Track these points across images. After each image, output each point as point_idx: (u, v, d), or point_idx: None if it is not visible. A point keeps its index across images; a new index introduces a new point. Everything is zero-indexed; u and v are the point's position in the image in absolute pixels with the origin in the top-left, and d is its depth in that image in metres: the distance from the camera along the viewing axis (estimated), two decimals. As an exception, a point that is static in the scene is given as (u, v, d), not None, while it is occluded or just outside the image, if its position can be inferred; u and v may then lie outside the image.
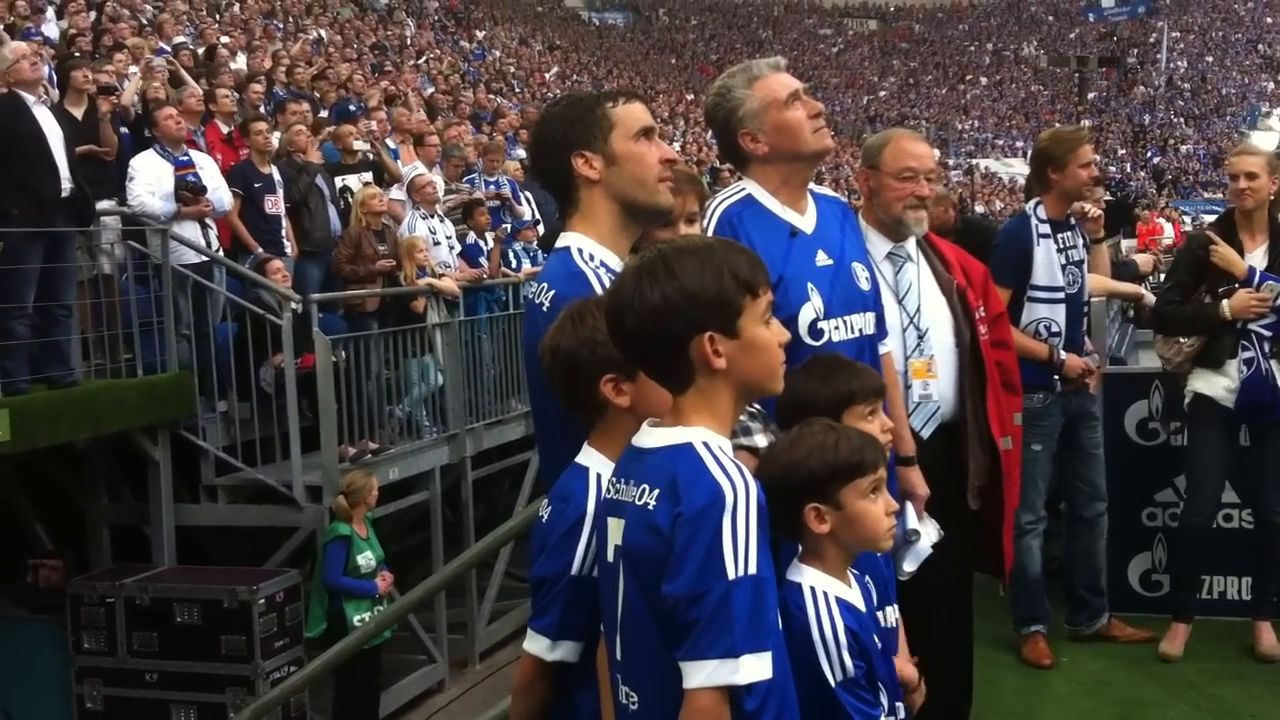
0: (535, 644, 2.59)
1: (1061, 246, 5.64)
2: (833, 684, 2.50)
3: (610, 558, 2.37)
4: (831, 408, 2.89)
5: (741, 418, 2.64)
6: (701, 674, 2.16)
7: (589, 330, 2.56)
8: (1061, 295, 5.59)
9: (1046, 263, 5.59)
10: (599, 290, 2.77)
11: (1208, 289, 5.63)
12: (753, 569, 2.18)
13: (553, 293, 2.83)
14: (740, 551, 2.18)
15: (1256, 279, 5.56)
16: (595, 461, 2.60)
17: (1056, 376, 5.60)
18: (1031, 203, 5.81)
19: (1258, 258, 5.65)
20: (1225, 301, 5.55)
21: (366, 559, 9.32)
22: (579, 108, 2.99)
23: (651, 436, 2.35)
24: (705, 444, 2.27)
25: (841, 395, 2.96)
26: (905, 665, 3.11)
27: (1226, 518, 6.09)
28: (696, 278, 2.30)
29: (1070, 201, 5.73)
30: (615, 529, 2.35)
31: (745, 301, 2.32)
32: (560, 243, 2.96)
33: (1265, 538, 5.82)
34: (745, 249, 2.43)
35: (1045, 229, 5.63)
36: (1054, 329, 5.60)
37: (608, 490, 2.42)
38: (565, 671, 2.61)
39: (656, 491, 2.25)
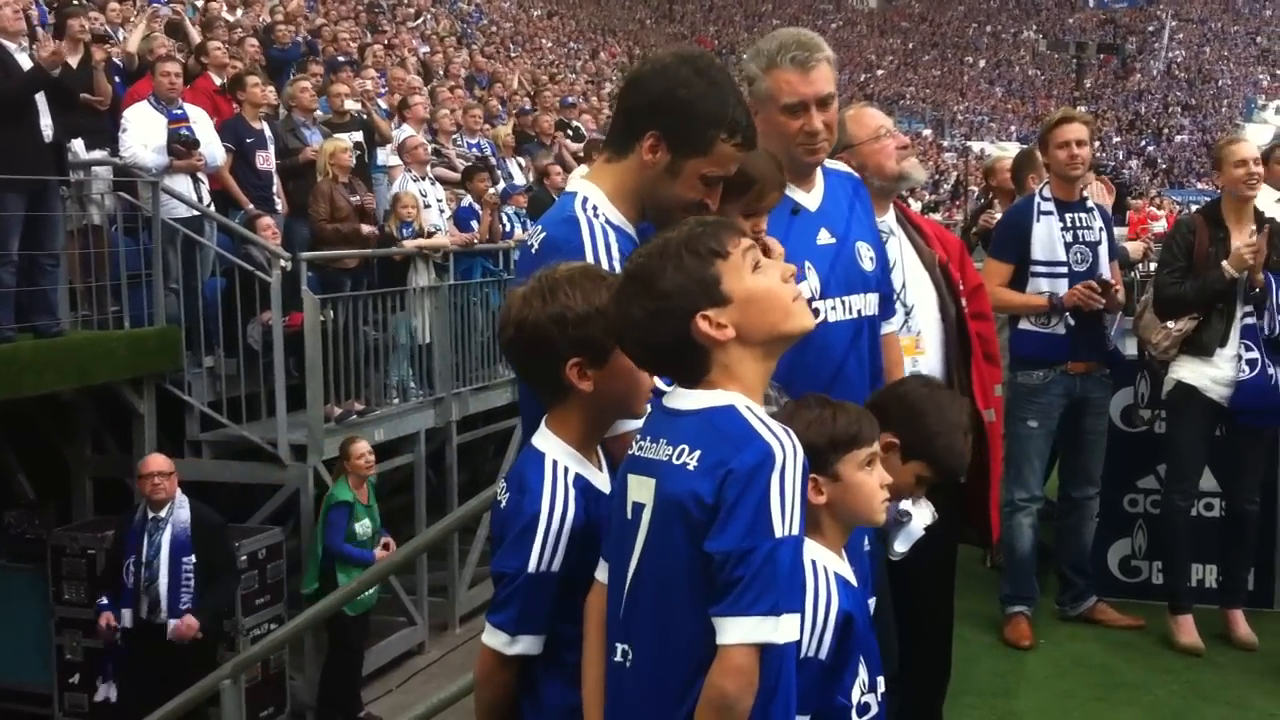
0: (494, 638, 2.55)
1: (1069, 225, 5.70)
2: (801, 655, 2.49)
3: (629, 515, 2.35)
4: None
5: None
6: (740, 630, 2.16)
7: (560, 307, 2.47)
8: (1064, 270, 5.64)
9: (1046, 239, 5.67)
10: (587, 239, 2.70)
11: (1196, 274, 5.63)
12: (796, 529, 2.20)
13: (544, 235, 2.78)
14: (787, 511, 2.18)
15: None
16: (553, 447, 2.55)
17: (1067, 313, 5.62)
18: (1041, 182, 5.92)
19: None
20: (1224, 263, 5.54)
21: (364, 526, 9.35)
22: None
23: (686, 398, 2.33)
24: (749, 406, 2.27)
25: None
26: None
27: (1208, 506, 6.12)
28: (664, 275, 2.28)
29: (1066, 182, 5.76)
30: (638, 486, 2.33)
31: (719, 267, 2.29)
32: (569, 186, 2.90)
33: (1238, 526, 5.87)
34: (701, 219, 2.40)
35: (1048, 207, 5.71)
36: (1054, 301, 5.65)
37: (632, 447, 2.40)
38: (530, 663, 2.57)
39: (698, 452, 2.24)
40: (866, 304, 3.51)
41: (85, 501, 10.08)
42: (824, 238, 3.46)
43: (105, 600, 8.03)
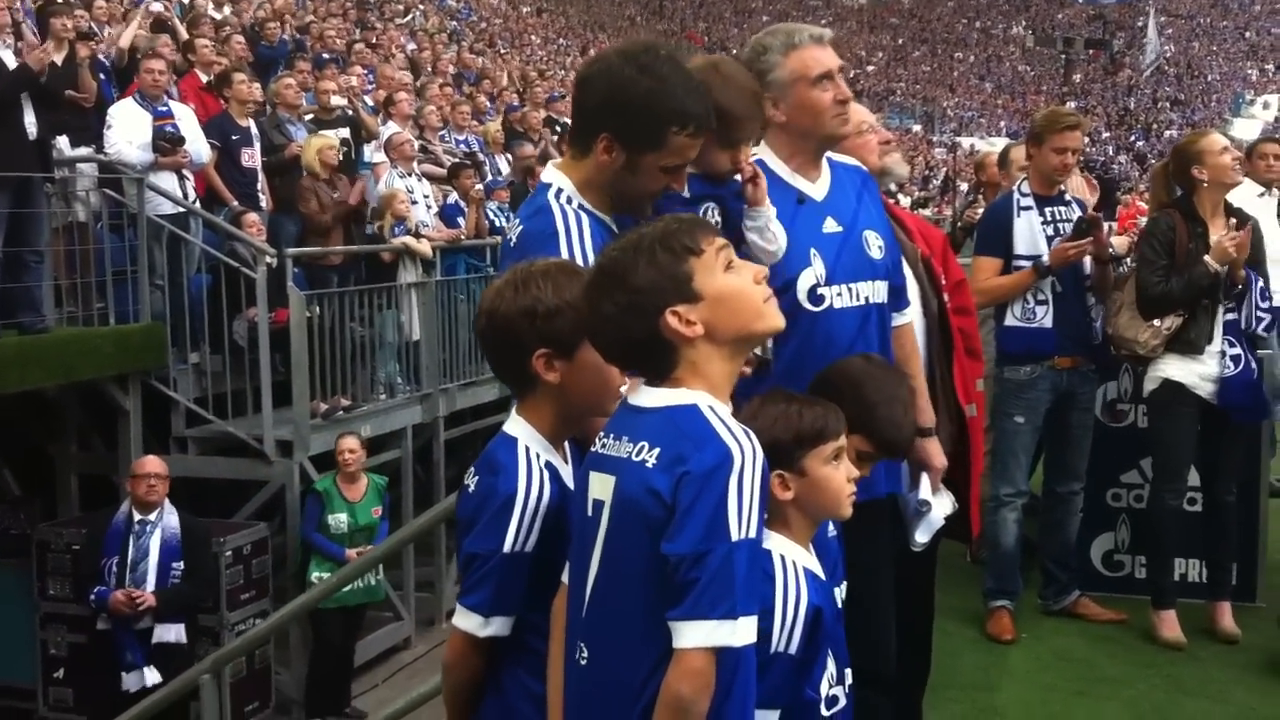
0: (467, 621, 2.55)
1: (1049, 219, 5.73)
2: (771, 651, 2.50)
3: (589, 512, 2.35)
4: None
5: None
6: (698, 634, 2.16)
7: (530, 299, 2.50)
8: (1047, 264, 5.66)
9: (1027, 233, 5.71)
10: (560, 226, 2.74)
11: (1179, 270, 5.63)
12: (753, 532, 2.20)
13: (520, 229, 2.82)
14: (744, 514, 2.18)
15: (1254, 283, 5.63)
16: (524, 433, 2.57)
17: (1053, 279, 5.64)
18: (1020, 177, 5.95)
19: None
20: (1206, 257, 5.54)
21: (338, 520, 9.31)
22: None
23: (650, 396, 2.33)
24: (711, 407, 2.27)
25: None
26: None
27: (1190, 500, 6.12)
28: (636, 270, 2.29)
29: (1047, 180, 5.78)
30: (599, 484, 2.33)
31: (691, 264, 2.30)
32: (543, 178, 2.92)
33: (1219, 519, 5.88)
34: (677, 216, 2.42)
35: (1028, 202, 5.75)
36: (1040, 297, 5.68)
37: (595, 445, 2.40)
38: (494, 649, 2.58)
39: (657, 450, 2.24)
40: (875, 291, 3.51)
41: (71, 497, 10.05)
42: (830, 226, 3.46)
43: (102, 589, 7.94)
